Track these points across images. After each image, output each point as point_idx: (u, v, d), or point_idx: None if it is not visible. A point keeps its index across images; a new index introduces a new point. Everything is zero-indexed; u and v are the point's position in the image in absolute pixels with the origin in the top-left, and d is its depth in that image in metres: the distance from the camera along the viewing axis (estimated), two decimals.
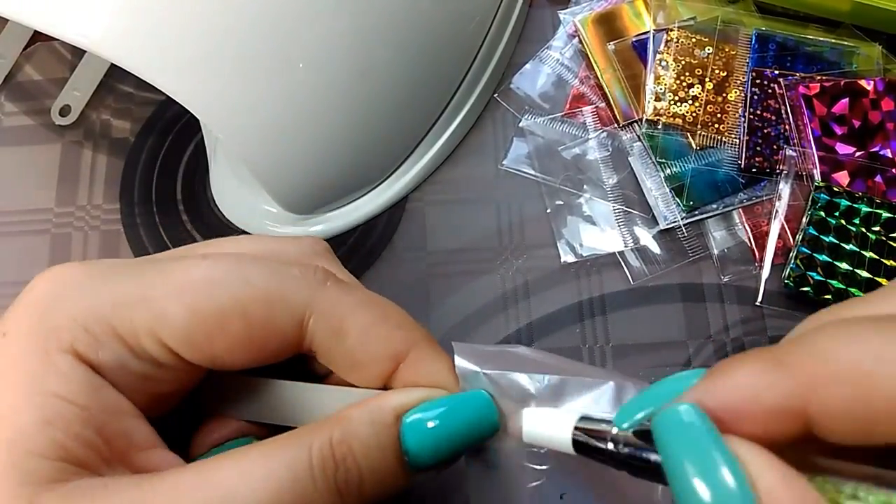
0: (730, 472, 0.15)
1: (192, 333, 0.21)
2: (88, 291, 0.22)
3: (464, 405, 0.22)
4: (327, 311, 0.22)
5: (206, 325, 0.21)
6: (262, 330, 0.22)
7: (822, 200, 0.34)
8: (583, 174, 0.37)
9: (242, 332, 0.22)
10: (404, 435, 0.21)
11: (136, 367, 0.21)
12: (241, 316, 0.21)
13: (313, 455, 0.20)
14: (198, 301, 0.21)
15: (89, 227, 0.38)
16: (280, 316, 0.22)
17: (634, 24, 0.39)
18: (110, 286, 0.22)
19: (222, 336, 0.21)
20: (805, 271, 0.33)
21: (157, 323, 0.21)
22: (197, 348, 0.22)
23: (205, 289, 0.22)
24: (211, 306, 0.21)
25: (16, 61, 0.41)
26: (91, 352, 0.21)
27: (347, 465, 0.20)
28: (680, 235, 0.36)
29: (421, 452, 0.21)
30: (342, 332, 0.22)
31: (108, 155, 0.39)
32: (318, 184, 0.35)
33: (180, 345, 0.21)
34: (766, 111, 0.36)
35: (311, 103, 0.31)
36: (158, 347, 0.21)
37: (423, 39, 0.34)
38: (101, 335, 0.21)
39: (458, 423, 0.21)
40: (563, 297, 0.35)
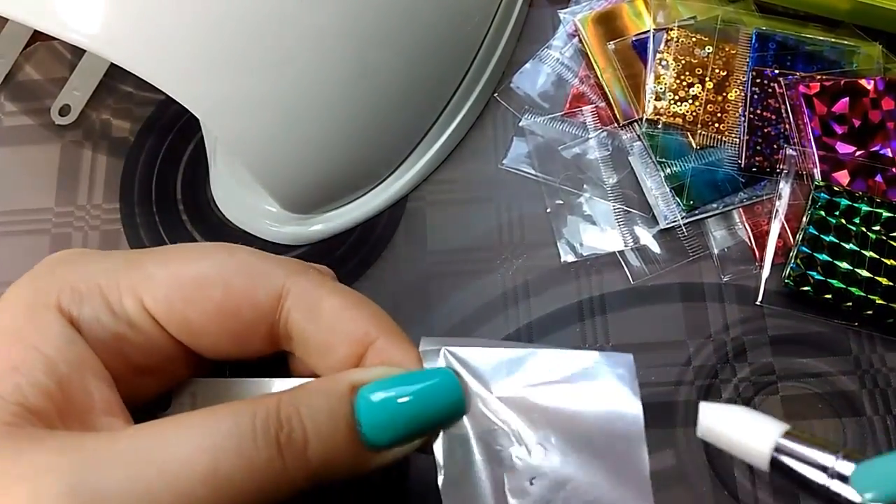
0: None
1: (170, 295, 0.22)
2: (85, 260, 0.23)
3: (423, 379, 0.21)
4: (304, 290, 0.23)
5: (185, 287, 0.22)
6: (239, 298, 0.23)
7: (823, 200, 0.34)
8: (583, 174, 0.37)
9: (219, 297, 0.22)
10: (359, 406, 0.21)
11: (113, 326, 0.22)
12: (221, 282, 0.23)
13: (257, 415, 0.20)
14: (181, 267, 0.23)
15: (89, 227, 0.38)
16: (258, 287, 0.23)
17: (634, 23, 0.39)
18: (107, 258, 0.24)
19: (200, 300, 0.22)
20: (805, 271, 0.33)
21: (141, 283, 0.22)
22: (174, 314, 0.22)
23: (190, 258, 0.23)
24: (193, 272, 0.23)
25: (15, 61, 0.41)
26: (73, 306, 0.22)
27: (292, 427, 0.20)
28: (680, 235, 0.36)
29: (376, 427, 0.21)
30: (317, 312, 0.23)
31: (107, 155, 0.39)
32: (318, 183, 0.35)
33: (159, 306, 0.22)
34: (767, 110, 0.36)
35: (311, 103, 0.31)
36: (137, 308, 0.22)
37: (422, 39, 0.34)
38: (85, 293, 0.22)
39: (417, 398, 0.21)
40: (563, 296, 0.35)
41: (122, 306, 0.22)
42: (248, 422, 0.20)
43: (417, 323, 0.35)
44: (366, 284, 0.36)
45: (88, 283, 0.22)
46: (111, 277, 0.22)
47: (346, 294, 0.24)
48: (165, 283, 0.22)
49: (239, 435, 0.19)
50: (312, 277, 0.24)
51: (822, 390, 0.33)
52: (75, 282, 0.22)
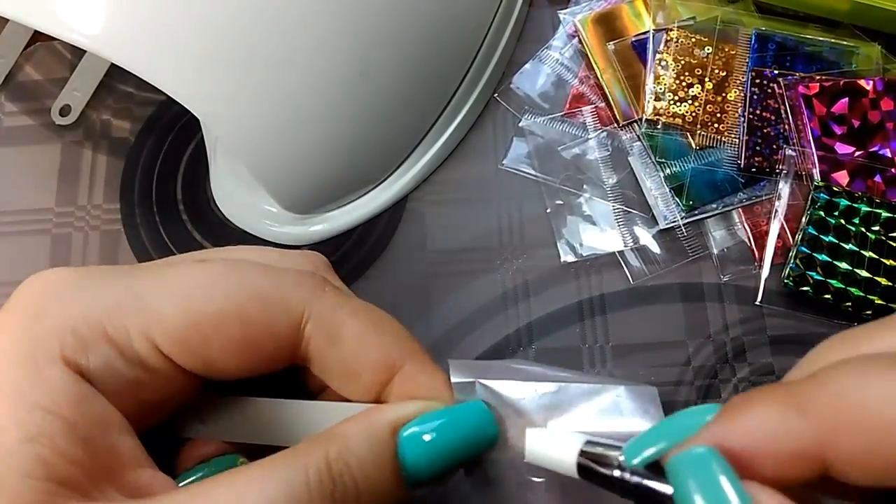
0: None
1: (186, 336, 0.21)
2: (79, 295, 0.21)
3: (461, 417, 0.21)
4: (324, 315, 0.22)
5: (202, 326, 0.21)
6: (259, 332, 0.21)
7: (822, 200, 0.34)
8: (583, 174, 0.37)
9: (239, 335, 0.21)
10: (401, 449, 0.21)
11: (126, 372, 0.21)
12: (238, 317, 0.21)
13: (310, 474, 0.19)
14: (193, 302, 0.21)
15: (89, 227, 0.38)
16: (277, 318, 0.21)
17: (634, 24, 0.39)
18: (102, 290, 0.21)
19: (218, 338, 0.21)
20: (804, 271, 0.33)
21: (151, 325, 0.20)
22: (191, 352, 0.21)
23: (200, 290, 0.21)
24: (207, 308, 0.21)
25: (16, 61, 0.41)
26: (80, 356, 0.20)
27: (345, 483, 0.20)
28: (679, 235, 0.36)
29: (418, 466, 0.21)
30: (338, 338, 0.22)
31: (108, 155, 0.39)
32: (318, 183, 0.35)
33: (174, 347, 0.21)
34: (766, 111, 0.37)
35: (311, 103, 0.32)
36: (151, 351, 0.21)
37: (422, 39, 0.34)
38: (90, 338, 0.20)
39: (456, 435, 0.21)
40: (562, 296, 0.35)
41: (133, 351, 0.21)
42: (301, 482, 0.19)
43: (417, 323, 0.35)
44: (366, 284, 0.36)
45: (91, 327, 0.20)
46: (115, 318, 0.20)
47: (367, 315, 0.23)
48: (177, 322, 0.21)
49: (295, 500, 0.19)
50: (331, 299, 0.22)
51: None
52: (76, 325, 0.20)
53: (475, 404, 0.22)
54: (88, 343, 0.20)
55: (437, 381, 0.22)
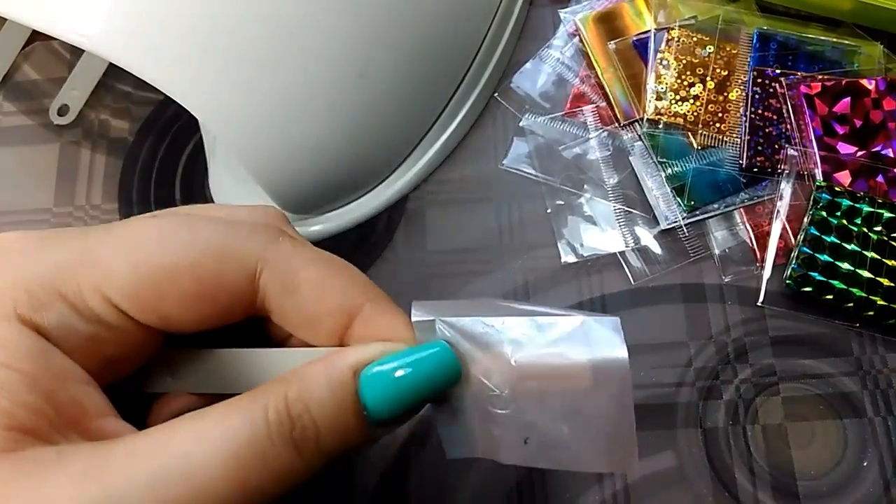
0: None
1: (139, 290, 0.21)
2: (31, 256, 0.21)
3: (422, 356, 0.21)
4: (279, 264, 0.22)
5: (154, 280, 0.21)
6: (212, 285, 0.21)
7: (824, 200, 0.34)
8: (583, 174, 0.37)
9: (192, 287, 0.21)
10: (362, 390, 0.21)
11: (82, 329, 0.21)
12: (190, 270, 0.21)
13: (269, 414, 0.20)
14: (143, 256, 0.21)
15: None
16: (230, 270, 0.22)
17: (635, 23, 0.39)
18: (53, 249, 0.21)
19: (171, 292, 0.21)
20: (806, 271, 0.33)
21: (103, 280, 0.21)
22: (145, 306, 0.21)
23: (151, 244, 0.21)
24: (158, 261, 0.21)
25: (14, 61, 0.41)
26: (35, 314, 0.20)
27: (304, 423, 0.20)
28: (681, 235, 0.36)
29: (380, 407, 0.21)
30: (294, 286, 0.22)
31: (106, 154, 0.39)
32: (318, 183, 0.35)
33: (128, 302, 0.21)
34: (768, 110, 0.36)
35: (311, 102, 0.31)
36: (105, 306, 0.21)
37: (422, 38, 0.33)
38: (44, 297, 0.20)
39: (417, 374, 0.21)
40: (563, 297, 0.35)
41: (87, 307, 0.21)
42: (261, 422, 0.19)
43: None
44: None
45: (44, 285, 0.20)
46: (67, 275, 0.21)
47: (323, 262, 0.23)
48: (129, 276, 0.21)
49: (256, 439, 0.19)
50: (286, 248, 0.22)
51: (823, 391, 0.33)
52: (28, 284, 0.20)
53: (436, 344, 0.22)
54: (43, 301, 0.20)
55: (398, 322, 0.22)
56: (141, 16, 0.28)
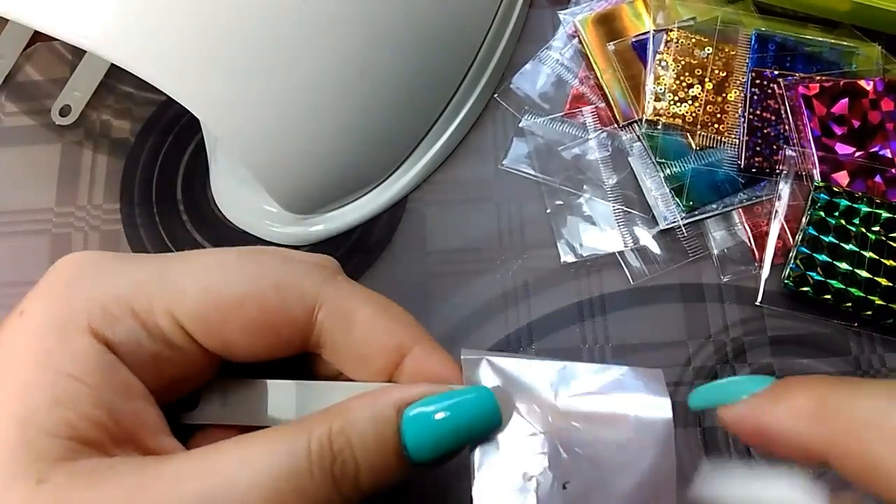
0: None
1: (207, 314, 0.22)
2: (109, 273, 0.22)
3: (462, 399, 0.22)
4: (337, 302, 0.23)
5: (222, 306, 0.22)
6: (275, 315, 0.22)
7: (822, 200, 0.34)
8: (583, 174, 0.37)
9: (256, 317, 0.22)
10: (404, 429, 0.21)
11: (149, 347, 0.22)
12: (256, 300, 0.22)
13: (311, 446, 0.20)
14: (215, 283, 0.22)
15: (89, 227, 0.38)
16: (292, 303, 0.23)
17: (634, 24, 0.39)
18: (131, 268, 0.22)
19: (237, 319, 0.22)
20: (805, 271, 0.33)
21: (175, 302, 0.22)
22: (211, 330, 0.22)
23: (222, 272, 0.22)
24: (227, 289, 0.22)
25: (16, 61, 0.41)
26: (107, 329, 0.21)
27: (345, 458, 0.20)
28: (680, 235, 0.36)
29: (421, 447, 0.21)
30: (350, 323, 0.23)
31: (108, 155, 0.39)
32: (318, 184, 0.35)
33: (195, 325, 0.22)
34: (766, 111, 0.37)
35: (311, 103, 0.32)
36: (173, 327, 0.22)
37: (423, 39, 0.34)
38: (117, 313, 0.21)
39: (459, 417, 0.21)
40: (562, 297, 0.35)
41: (157, 326, 0.22)
42: (303, 453, 0.20)
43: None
44: (366, 284, 0.35)
45: (119, 302, 0.21)
46: (141, 295, 0.22)
47: (377, 302, 0.24)
48: (200, 300, 0.22)
49: (296, 471, 0.20)
50: (343, 287, 0.24)
51: None
52: (104, 301, 0.21)
53: (479, 388, 0.22)
54: (116, 317, 0.21)
55: (445, 364, 0.23)
56: (142, 17, 0.28)
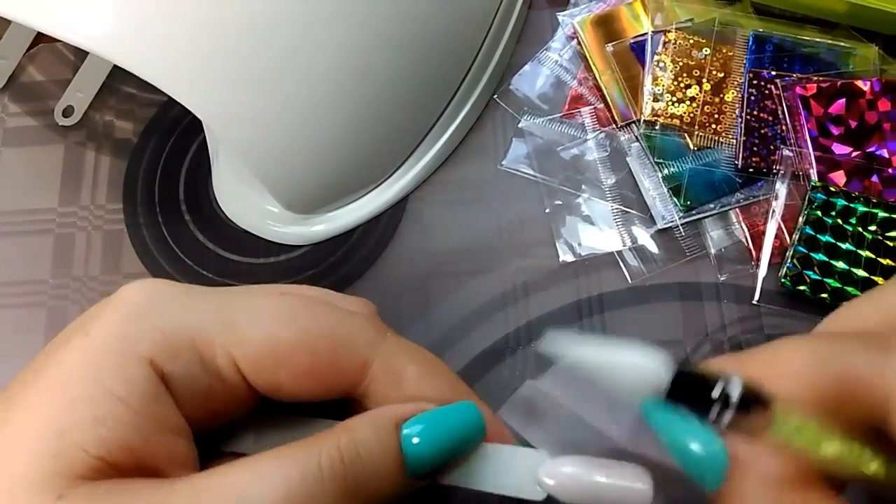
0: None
1: (263, 359, 0.23)
2: (176, 305, 0.23)
3: (449, 413, 0.23)
4: (387, 358, 0.24)
5: (278, 353, 0.23)
6: (326, 365, 0.23)
7: (819, 200, 0.34)
8: (581, 174, 0.37)
9: (308, 365, 0.23)
10: (403, 442, 0.22)
11: (202, 382, 0.22)
12: (309, 349, 0.23)
13: (322, 458, 0.21)
14: (274, 330, 0.23)
15: (92, 227, 0.38)
16: (343, 356, 0.24)
17: (632, 25, 0.39)
18: (198, 302, 0.23)
19: (289, 366, 0.23)
20: (802, 270, 0.34)
21: (235, 342, 0.22)
22: (264, 373, 0.23)
23: (282, 320, 0.23)
24: (285, 337, 0.23)
25: (19, 62, 0.42)
26: (166, 362, 0.22)
27: (354, 467, 0.21)
28: (677, 235, 0.36)
29: (419, 457, 0.22)
30: (400, 380, 0.24)
31: (111, 155, 0.40)
32: (320, 183, 0.35)
33: (250, 367, 0.23)
34: (763, 112, 0.37)
35: (313, 103, 0.32)
36: (230, 367, 0.23)
37: (423, 41, 0.34)
38: (179, 345, 0.22)
39: (448, 429, 0.23)
40: (561, 296, 0.35)
41: (214, 363, 0.23)
42: (315, 466, 0.21)
43: (417, 322, 0.35)
44: (366, 284, 0.36)
45: (182, 336, 0.22)
46: (205, 331, 0.22)
47: (425, 360, 0.25)
48: (259, 345, 0.23)
49: (309, 482, 0.20)
50: (392, 344, 0.25)
51: None
52: (168, 333, 0.22)
53: (464, 404, 0.24)
54: (177, 350, 0.22)
55: (485, 412, 0.24)
56: (144, 18, 0.28)
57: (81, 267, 0.37)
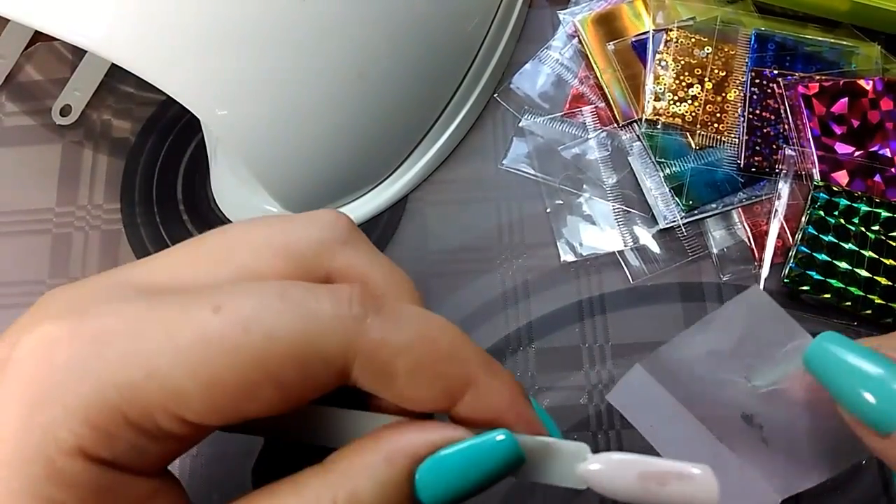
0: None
1: (215, 405, 0.18)
2: (86, 373, 0.18)
3: (482, 450, 0.20)
4: (370, 355, 0.19)
5: (231, 395, 0.18)
6: (298, 388, 0.19)
7: (822, 200, 0.34)
8: (582, 174, 0.37)
9: (275, 397, 0.19)
10: (418, 484, 0.19)
11: (154, 449, 0.19)
12: (271, 381, 0.19)
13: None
14: (216, 373, 0.18)
15: (90, 227, 0.38)
16: (316, 371, 0.19)
17: (634, 24, 0.39)
18: (110, 361, 0.18)
19: (252, 403, 0.19)
20: (804, 270, 0.34)
21: (174, 401, 0.18)
22: (224, 415, 0.19)
23: (222, 357, 0.18)
24: (233, 377, 0.18)
25: (16, 61, 0.41)
26: (101, 448, 0.18)
27: None
28: (679, 235, 0.36)
29: (434, 501, 0.19)
30: (389, 376, 0.20)
31: (108, 155, 0.39)
32: (319, 183, 0.35)
33: (203, 417, 0.19)
34: (766, 111, 0.37)
35: (312, 102, 0.32)
36: (178, 424, 0.19)
37: (423, 39, 0.34)
38: (110, 427, 0.18)
39: (477, 470, 0.20)
40: (562, 296, 0.35)
41: (158, 427, 0.18)
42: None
43: None
44: None
45: (108, 415, 0.18)
46: (133, 400, 0.18)
47: (417, 341, 0.20)
48: (202, 397, 0.18)
49: None
50: (376, 330, 0.19)
51: None
52: (90, 415, 0.18)
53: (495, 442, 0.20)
54: (110, 433, 0.18)
55: (501, 397, 0.21)
56: (143, 17, 0.28)
57: (79, 267, 0.37)
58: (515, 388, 0.21)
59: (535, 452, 0.21)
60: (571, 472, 0.21)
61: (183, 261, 0.21)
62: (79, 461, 0.18)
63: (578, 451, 0.21)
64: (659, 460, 0.20)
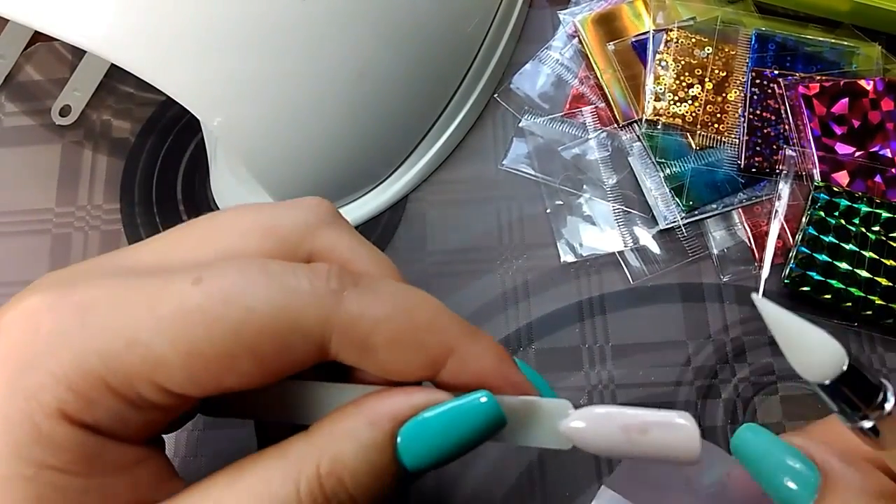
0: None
1: (194, 375, 0.19)
2: (69, 340, 0.18)
3: (462, 412, 0.20)
4: (348, 328, 0.20)
5: (211, 366, 0.19)
6: (275, 361, 0.20)
7: (822, 200, 0.34)
8: (582, 174, 0.37)
9: (253, 368, 0.19)
10: (400, 446, 0.20)
11: (136, 418, 0.19)
12: (249, 352, 0.19)
13: (301, 489, 0.19)
14: (196, 344, 0.19)
15: (89, 227, 0.38)
16: (294, 344, 0.19)
17: (634, 24, 0.39)
18: (93, 330, 0.19)
19: (231, 374, 0.19)
20: (804, 271, 0.33)
21: (154, 371, 0.19)
22: (203, 386, 0.19)
23: (202, 327, 0.19)
24: (212, 347, 0.19)
25: (16, 61, 0.41)
26: (84, 413, 0.18)
27: (339, 497, 0.19)
28: (679, 235, 0.36)
29: (418, 461, 0.20)
30: (368, 349, 0.20)
31: (108, 155, 0.39)
32: (319, 183, 0.35)
33: (185, 386, 0.19)
34: (766, 111, 0.37)
35: (312, 103, 0.32)
36: (161, 394, 0.19)
37: (422, 39, 0.34)
38: (92, 393, 0.18)
39: (459, 430, 0.20)
40: (562, 296, 0.35)
41: (140, 397, 0.19)
42: (292, 497, 0.18)
43: None
44: None
45: (90, 381, 0.18)
46: (115, 368, 0.18)
47: (396, 312, 0.20)
48: (183, 366, 0.19)
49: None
50: (353, 303, 0.20)
51: None
52: (72, 380, 0.18)
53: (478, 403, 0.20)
54: (91, 399, 0.18)
55: (486, 360, 0.21)
56: (143, 17, 0.28)
57: None
58: (498, 352, 0.21)
59: (519, 413, 0.21)
60: (555, 432, 0.20)
61: (171, 243, 0.22)
62: (63, 425, 0.18)
63: (560, 408, 0.20)
64: (641, 410, 0.20)
